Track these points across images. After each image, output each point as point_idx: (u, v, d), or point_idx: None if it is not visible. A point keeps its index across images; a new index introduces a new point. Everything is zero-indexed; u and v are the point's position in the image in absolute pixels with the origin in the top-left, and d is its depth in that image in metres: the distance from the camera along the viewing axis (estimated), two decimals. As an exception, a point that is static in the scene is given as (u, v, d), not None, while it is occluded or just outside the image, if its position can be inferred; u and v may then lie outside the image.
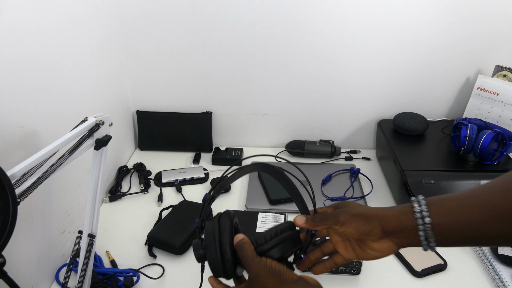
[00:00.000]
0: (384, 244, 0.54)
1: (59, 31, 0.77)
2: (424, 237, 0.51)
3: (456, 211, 0.50)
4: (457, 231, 0.50)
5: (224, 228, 0.55)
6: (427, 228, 0.51)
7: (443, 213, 0.51)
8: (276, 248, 0.54)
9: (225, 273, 0.55)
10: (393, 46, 1.08)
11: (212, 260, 0.54)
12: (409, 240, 0.53)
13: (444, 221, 0.50)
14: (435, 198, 0.53)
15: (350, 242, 0.57)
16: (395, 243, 0.54)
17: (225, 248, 0.54)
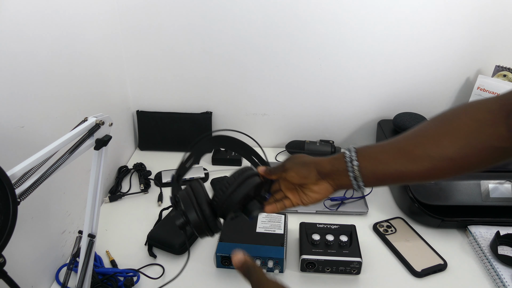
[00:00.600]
0: (322, 185, 0.64)
1: (58, 31, 0.77)
2: (353, 177, 0.61)
3: (378, 155, 0.61)
4: (379, 171, 0.60)
5: (196, 190, 0.61)
6: (355, 169, 0.60)
7: (367, 157, 0.61)
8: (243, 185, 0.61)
9: (210, 229, 0.60)
10: (393, 46, 1.08)
11: (195, 221, 0.59)
12: (341, 181, 0.62)
13: (368, 163, 0.60)
14: (363, 146, 0.63)
15: (297, 190, 0.66)
16: (330, 184, 0.63)
17: (203, 206, 0.59)
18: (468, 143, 0.56)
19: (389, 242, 0.86)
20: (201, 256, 0.84)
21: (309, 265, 0.78)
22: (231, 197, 0.61)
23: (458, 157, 0.57)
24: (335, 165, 0.62)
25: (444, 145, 0.57)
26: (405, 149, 0.60)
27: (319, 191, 0.64)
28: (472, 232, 0.86)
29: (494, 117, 0.56)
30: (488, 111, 0.57)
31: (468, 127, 0.57)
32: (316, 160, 0.65)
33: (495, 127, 0.55)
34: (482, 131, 0.56)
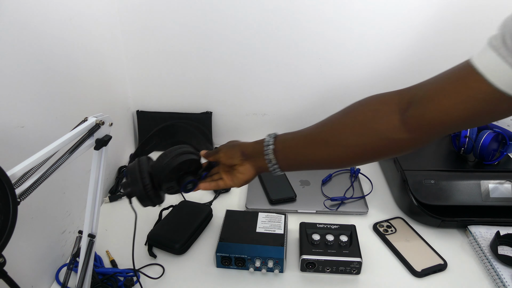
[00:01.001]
0: (245, 166, 0.70)
1: (59, 31, 0.77)
2: (269, 160, 0.67)
3: (290, 141, 0.67)
4: (291, 156, 0.66)
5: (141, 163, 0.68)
6: (270, 153, 0.66)
7: (282, 142, 0.67)
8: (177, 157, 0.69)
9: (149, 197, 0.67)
10: (393, 46, 1.08)
11: (138, 192, 0.66)
12: (260, 163, 0.68)
13: (282, 148, 0.66)
14: (281, 134, 0.69)
15: (228, 173, 0.72)
16: (252, 166, 0.69)
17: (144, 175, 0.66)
18: (364, 132, 0.60)
19: (389, 242, 0.86)
20: (201, 256, 0.84)
21: (309, 265, 0.78)
22: (164, 166, 0.68)
23: (354, 144, 0.61)
24: (256, 148, 0.69)
25: (342, 132, 0.62)
26: (312, 137, 0.65)
27: (244, 171, 0.70)
28: (472, 232, 0.86)
29: (390, 109, 0.59)
30: (386, 102, 0.60)
31: (365, 116, 0.61)
32: (242, 143, 0.72)
33: (390, 118, 0.58)
34: (377, 121, 0.59)
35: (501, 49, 0.47)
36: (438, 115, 0.54)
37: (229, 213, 0.89)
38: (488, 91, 0.48)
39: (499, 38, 0.48)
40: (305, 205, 0.98)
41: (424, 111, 0.55)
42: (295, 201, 0.99)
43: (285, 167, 0.67)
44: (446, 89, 0.54)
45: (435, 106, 0.54)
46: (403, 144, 0.58)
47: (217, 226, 0.91)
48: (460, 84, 0.52)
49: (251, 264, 0.79)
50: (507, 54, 0.46)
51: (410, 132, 0.57)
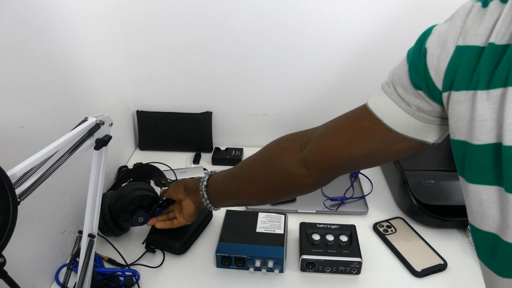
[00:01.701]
0: (187, 201, 0.76)
1: (59, 31, 0.77)
2: (202, 195, 0.73)
3: (219, 178, 0.73)
4: (219, 192, 0.72)
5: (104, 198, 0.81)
6: (203, 189, 0.73)
7: (214, 179, 0.73)
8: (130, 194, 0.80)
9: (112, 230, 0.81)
10: (393, 46, 1.08)
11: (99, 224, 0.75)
12: (197, 198, 0.74)
13: (212, 183, 0.72)
14: (217, 172, 0.75)
15: (179, 211, 0.79)
16: (192, 200, 0.76)
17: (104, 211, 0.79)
18: (270, 168, 0.64)
19: (389, 242, 0.86)
20: (201, 256, 0.84)
21: (309, 265, 0.78)
22: (118, 199, 0.79)
23: (263, 179, 0.65)
24: (195, 184, 0.75)
25: (254, 168, 0.68)
26: (234, 174, 0.71)
27: (187, 206, 0.76)
28: (472, 232, 0.86)
29: (294, 146, 0.62)
30: (292, 140, 0.64)
31: (273, 153, 0.66)
32: (187, 180, 0.79)
33: (292, 155, 0.62)
34: (282, 158, 0.63)
35: (393, 95, 0.51)
36: (334, 151, 0.57)
37: (229, 213, 0.89)
38: (383, 132, 0.52)
39: (390, 85, 0.53)
40: (305, 205, 0.98)
41: (320, 147, 0.58)
42: (295, 201, 0.99)
43: (216, 202, 0.73)
44: (343, 127, 0.58)
45: (331, 142, 0.57)
46: (303, 180, 0.61)
47: (217, 226, 0.91)
48: (356, 123, 0.56)
49: (251, 264, 0.79)
50: (398, 100, 0.51)
51: (308, 168, 0.60)
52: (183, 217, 0.78)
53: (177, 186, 0.79)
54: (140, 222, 0.81)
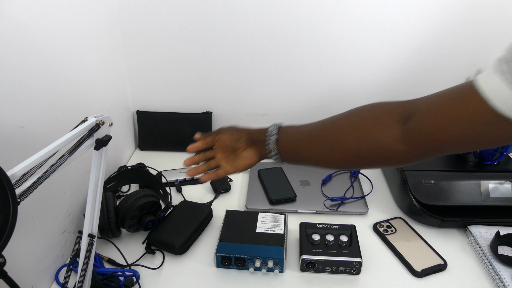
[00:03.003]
0: (250, 152, 0.71)
1: (59, 31, 0.77)
2: (269, 150, 0.67)
3: (294, 134, 0.67)
4: (292, 149, 0.67)
5: (108, 199, 0.84)
6: (271, 143, 0.67)
7: (285, 134, 0.67)
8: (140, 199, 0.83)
9: (112, 232, 0.83)
10: (393, 46, 1.08)
11: (101, 223, 0.81)
12: (263, 151, 0.69)
13: (285, 140, 0.67)
14: (286, 125, 0.69)
15: (229, 158, 0.72)
16: (257, 151, 0.70)
17: (111, 213, 0.82)
18: (363, 138, 0.60)
19: (389, 242, 0.86)
20: (201, 256, 0.84)
21: (309, 265, 0.78)
22: (129, 206, 0.82)
23: (352, 148, 0.60)
24: (260, 135, 0.69)
25: (342, 134, 0.62)
26: (313, 133, 0.65)
27: (248, 157, 0.71)
28: (472, 232, 0.86)
29: (392, 118, 0.58)
30: (389, 111, 0.59)
31: (366, 122, 0.60)
32: (248, 128, 0.72)
33: (390, 127, 0.57)
34: (378, 129, 0.58)
35: (508, 74, 0.45)
36: (436, 131, 0.53)
37: (229, 213, 0.89)
38: (489, 114, 0.47)
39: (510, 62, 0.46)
40: (305, 205, 0.98)
41: (423, 124, 0.54)
42: (295, 201, 0.99)
43: (286, 158, 0.68)
44: (445, 106, 0.53)
45: (433, 121, 0.53)
46: (399, 155, 0.58)
47: (217, 226, 0.91)
48: (459, 103, 0.51)
49: (251, 264, 0.79)
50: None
51: (407, 144, 0.56)
52: (234, 167, 0.72)
53: (238, 133, 0.71)
54: (149, 227, 0.85)
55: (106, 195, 0.84)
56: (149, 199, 0.84)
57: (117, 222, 0.83)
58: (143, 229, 0.85)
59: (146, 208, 0.84)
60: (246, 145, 0.70)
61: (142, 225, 0.84)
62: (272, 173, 1.08)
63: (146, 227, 0.85)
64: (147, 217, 0.84)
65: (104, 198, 0.83)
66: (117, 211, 0.83)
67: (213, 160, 0.74)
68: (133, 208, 0.82)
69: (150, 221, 0.84)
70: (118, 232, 0.84)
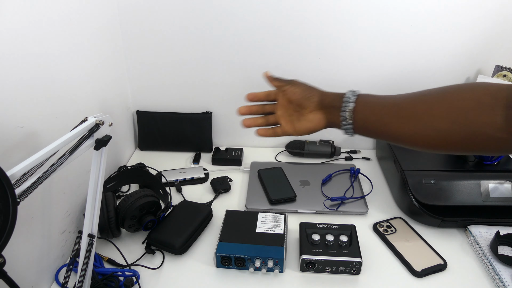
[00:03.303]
0: (317, 115, 0.65)
1: (58, 31, 0.77)
2: (344, 117, 0.62)
3: (374, 105, 0.61)
4: (370, 121, 0.60)
5: (108, 200, 0.83)
6: (348, 110, 0.61)
7: (364, 103, 0.61)
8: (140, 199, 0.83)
9: (112, 232, 0.83)
10: (393, 46, 1.08)
11: (101, 223, 0.81)
12: (334, 118, 0.63)
13: (363, 109, 0.61)
14: (365, 93, 0.63)
15: (291, 117, 0.66)
16: (325, 117, 0.65)
17: (111, 213, 0.82)
18: (459, 120, 0.54)
19: (389, 242, 0.86)
20: (201, 256, 0.84)
21: (309, 265, 0.78)
22: (129, 206, 0.82)
23: (445, 129, 0.55)
24: (335, 100, 0.63)
25: (436, 113, 0.55)
26: (399, 107, 0.58)
27: (313, 120, 0.65)
28: (472, 232, 0.86)
29: (495, 103, 0.51)
30: (492, 95, 0.53)
31: (465, 104, 0.54)
32: (322, 90, 0.66)
33: (493, 113, 0.51)
34: (478, 113, 0.53)
35: None
36: None
37: (229, 213, 0.89)
38: None
39: None
40: (305, 205, 0.98)
41: None
42: (295, 201, 0.99)
43: (359, 130, 0.62)
44: None
45: None
46: (498, 144, 0.52)
47: (217, 226, 0.91)
48: None
49: (251, 264, 0.79)
50: None
51: (510, 133, 0.50)
52: (295, 129, 0.66)
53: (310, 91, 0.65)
54: (149, 227, 0.85)
55: (106, 195, 0.84)
56: (149, 199, 0.84)
57: (117, 222, 0.83)
58: (143, 229, 0.84)
59: (146, 208, 0.84)
60: (315, 107, 0.64)
61: (142, 225, 0.84)
62: (272, 173, 1.08)
63: (146, 227, 0.85)
64: (147, 217, 0.84)
65: (104, 198, 0.83)
66: (117, 211, 0.83)
67: (272, 116, 0.68)
68: (133, 208, 0.82)
69: (150, 221, 0.84)
70: (118, 232, 0.84)
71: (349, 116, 0.61)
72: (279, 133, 0.68)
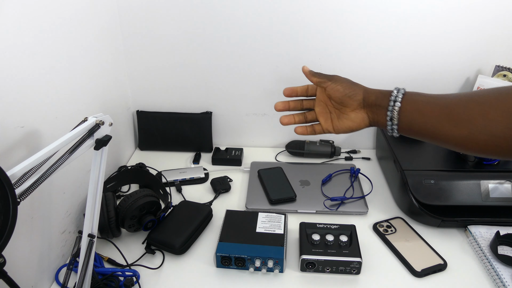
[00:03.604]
0: (359, 114, 0.62)
1: (58, 31, 0.77)
2: (390, 117, 0.59)
3: (423, 105, 0.58)
4: (417, 121, 0.58)
5: (108, 200, 0.83)
6: (395, 110, 0.58)
7: (411, 102, 0.58)
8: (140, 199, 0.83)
9: (112, 232, 0.83)
10: (393, 47, 1.08)
11: (101, 223, 0.81)
12: (379, 117, 0.61)
13: (410, 109, 0.58)
14: (412, 92, 0.60)
15: (331, 114, 0.64)
16: (368, 116, 0.62)
17: (111, 213, 0.81)
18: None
19: (389, 242, 0.86)
20: (201, 256, 0.84)
21: (309, 265, 0.78)
22: (129, 206, 0.82)
23: (501, 135, 0.51)
24: (379, 98, 0.60)
25: (490, 117, 0.52)
26: (450, 109, 0.55)
27: (355, 119, 0.62)
28: (472, 232, 0.86)
29: None
30: None
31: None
32: (365, 87, 0.63)
33: None
34: None
35: None
36: None
37: (229, 213, 0.89)
38: None
39: None
40: (305, 205, 0.98)
41: None
42: (295, 201, 0.99)
43: (404, 130, 0.59)
44: None
45: None
46: None
47: (217, 226, 0.92)
48: None
49: (251, 264, 0.79)
50: None
51: None
52: (339, 128, 0.64)
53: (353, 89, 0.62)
54: (149, 227, 0.85)
55: (106, 195, 0.84)
56: (149, 199, 0.84)
57: (117, 222, 0.83)
58: (143, 229, 0.84)
59: (146, 208, 0.84)
60: (357, 105, 0.61)
61: (142, 225, 0.84)
62: (272, 173, 1.08)
63: (146, 227, 0.85)
64: (147, 217, 0.84)
65: (104, 198, 0.83)
66: (117, 211, 0.83)
67: (310, 113, 0.66)
68: (133, 208, 0.82)
69: (150, 221, 0.84)
70: (118, 232, 0.84)
71: (395, 116, 0.58)
72: (318, 131, 0.66)
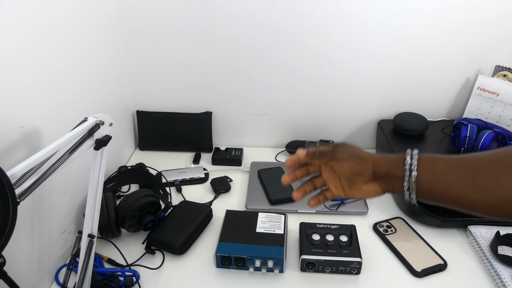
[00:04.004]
0: (372, 186, 0.58)
1: (58, 31, 0.77)
2: (407, 187, 0.54)
3: (442, 171, 0.53)
4: (437, 190, 0.53)
5: (108, 200, 0.83)
6: (412, 181, 0.54)
7: (429, 170, 0.54)
8: (140, 199, 0.83)
9: (112, 232, 0.83)
10: (393, 46, 1.08)
11: (102, 223, 0.81)
12: (394, 188, 0.57)
13: (428, 177, 0.53)
14: (427, 156, 0.55)
15: (340, 181, 0.60)
16: (381, 187, 0.58)
17: (111, 213, 0.82)
18: None
19: (389, 242, 0.86)
20: (201, 256, 0.84)
21: (309, 265, 0.78)
22: (129, 206, 0.82)
23: None
24: (392, 169, 0.56)
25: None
26: (474, 174, 0.51)
27: (367, 191, 0.58)
28: (472, 232, 0.86)
29: None
30: None
31: None
32: (373, 158, 0.58)
33: None
34: None
35: None
36: None
37: (229, 213, 0.89)
38: None
39: None
40: (305, 205, 0.97)
41: None
42: (295, 201, 0.99)
43: (425, 198, 0.55)
44: None
45: None
46: None
47: (217, 226, 0.91)
48: None
49: (251, 264, 0.79)
50: None
51: None
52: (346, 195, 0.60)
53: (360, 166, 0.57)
54: (149, 227, 0.85)
55: (106, 195, 0.84)
56: (149, 199, 0.84)
57: (117, 222, 0.83)
58: (143, 229, 0.84)
59: (146, 208, 0.84)
60: (368, 180, 0.57)
61: (142, 225, 0.84)
62: (272, 173, 1.08)
63: (146, 227, 0.85)
64: (147, 217, 0.84)
65: (104, 198, 0.83)
66: (117, 211, 0.83)
67: (318, 179, 0.63)
68: (133, 208, 0.82)
69: (150, 221, 0.84)
70: (118, 232, 0.84)
71: (413, 186, 0.54)
72: (329, 198, 0.63)
